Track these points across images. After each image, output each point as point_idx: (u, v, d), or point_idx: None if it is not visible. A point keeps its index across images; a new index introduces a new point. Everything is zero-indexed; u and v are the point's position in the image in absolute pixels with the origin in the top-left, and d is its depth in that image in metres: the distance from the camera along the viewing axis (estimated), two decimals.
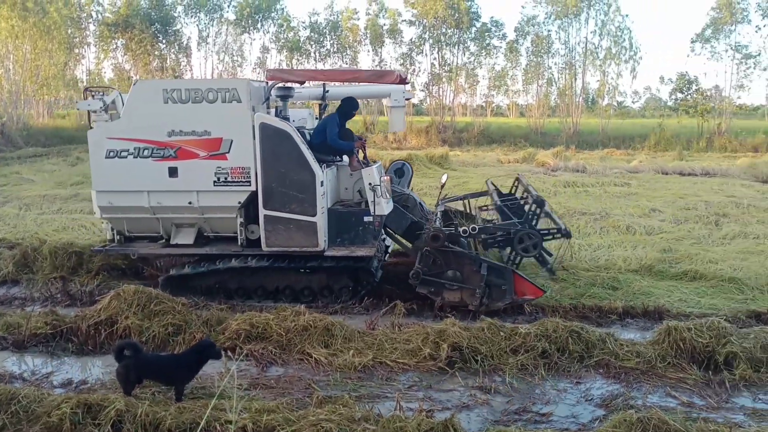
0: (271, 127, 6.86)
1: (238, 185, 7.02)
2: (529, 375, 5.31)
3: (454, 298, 6.95)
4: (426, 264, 6.88)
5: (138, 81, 7.56)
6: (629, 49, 36.33)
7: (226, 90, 6.85)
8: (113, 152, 7.07)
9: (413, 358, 5.48)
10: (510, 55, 39.52)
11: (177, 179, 7.05)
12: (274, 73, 7.30)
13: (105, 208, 7.32)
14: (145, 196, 7.14)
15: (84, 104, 7.32)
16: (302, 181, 6.89)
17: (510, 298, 6.84)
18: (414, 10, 38.84)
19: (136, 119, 7.02)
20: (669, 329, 5.67)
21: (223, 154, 6.96)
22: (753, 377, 5.21)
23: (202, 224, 7.43)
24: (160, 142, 7.00)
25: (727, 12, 34.85)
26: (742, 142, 31.59)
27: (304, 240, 7.01)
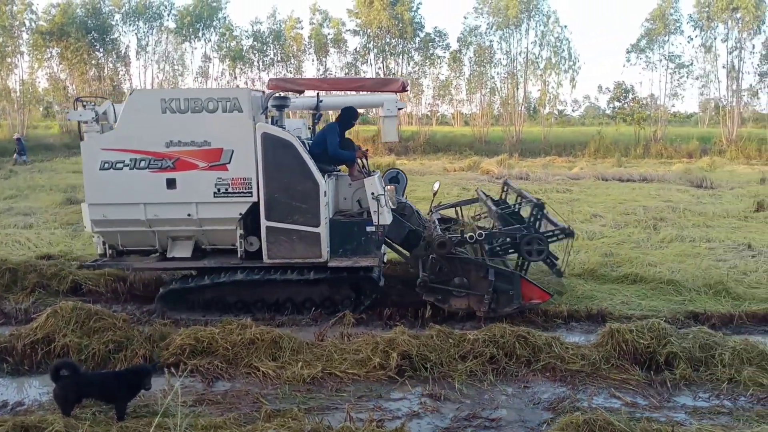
0: (274, 137, 6.77)
1: (240, 196, 6.87)
2: (478, 381, 5.34)
3: (461, 305, 6.93)
4: (432, 271, 6.85)
5: (135, 90, 7.51)
6: (568, 59, 37.50)
7: (227, 99, 6.72)
8: (108, 164, 6.82)
9: (363, 368, 5.44)
10: (454, 65, 40.15)
11: (175, 191, 6.85)
12: (276, 82, 7.19)
13: (98, 221, 7.01)
14: (142, 209, 6.90)
15: (75, 114, 7.01)
16: (306, 191, 6.81)
17: (518, 303, 6.86)
18: (358, 19, 39.05)
19: (132, 130, 6.81)
20: (612, 331, 5.79)
21: (224, 165, 6.81)
22: (692, 376, 5.37)
23: (200, 237, 7.21)
24: (158, 153, 6.80)
25: (661, 23, 36.32)
26: (677, 148, 32.88)
27: (306, 251, 6.91)
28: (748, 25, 34.41)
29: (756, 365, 5.39)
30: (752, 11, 33.64)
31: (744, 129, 36.67)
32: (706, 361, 5.51)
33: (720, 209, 14.03)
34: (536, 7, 37.46)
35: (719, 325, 6.76)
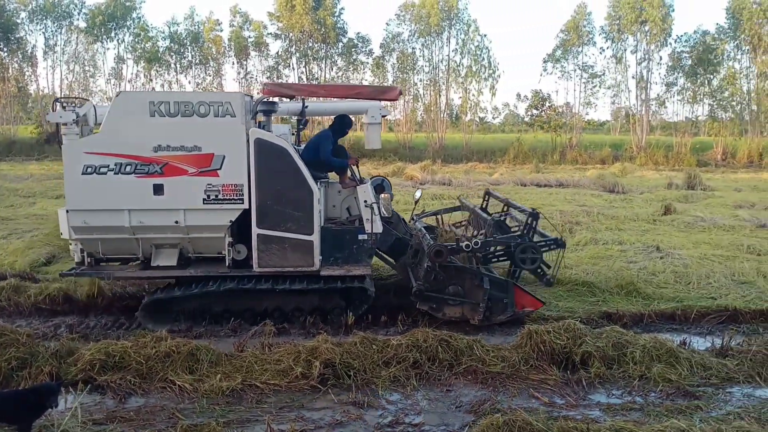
0: (268, 144, 6.61)
1: (230, 203, 6.66)
2: (401, 386, 5.34)
3: (455, 314, 6.90)
4: (427, 280, 6.78)
5: (121, 92, 7.02)
6: (488, 68, 38.41)
7: (219, 104, 6.51)
8: (91, 168, 6.49)
9: (284, 378, 5.33)
10: (377, 71, 40.36)
11: (162, 197, 6.58)
12: (271, 87, 7.01)
13: (79, 228, 6.65)
14: (126, 215, 6.60)
15: (55, 116, 6.64)
16: (300, 198, 6.69)
17: (511, 311, 6.86)
18: (279, 23, 38.65)
19: (118, 133, 6.51)
20: (530, 333, 5.92)
21: (215, 171, 6.59)
22: (606, 374, 5.56)
23: (185, 245, 6.95)
24: (145, 157, 6.52)
25: (575, 34, 37.82)
26: (591, 155, 34.28)
27: (299, 259, 6.78)
28: (656, 37, 36.32)
29: (665, 362, 5.62)
30: (659, 24, 35.53)
31: (652, 136, 38.63)
32: (618, 359, 5.71)
33: (630, 213, 14.69)
34: (457, 16, 38.26)
35: (630, 324, 7.05)
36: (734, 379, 5.55)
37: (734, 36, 36.45)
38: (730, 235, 12.08)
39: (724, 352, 6.00)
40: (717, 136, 36.40)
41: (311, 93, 7.85)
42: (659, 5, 35.42)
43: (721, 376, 5.55)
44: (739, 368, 5.67)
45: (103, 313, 7.47)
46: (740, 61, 37.45)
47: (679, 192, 19.37)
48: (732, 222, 13.52)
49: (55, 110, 6.68)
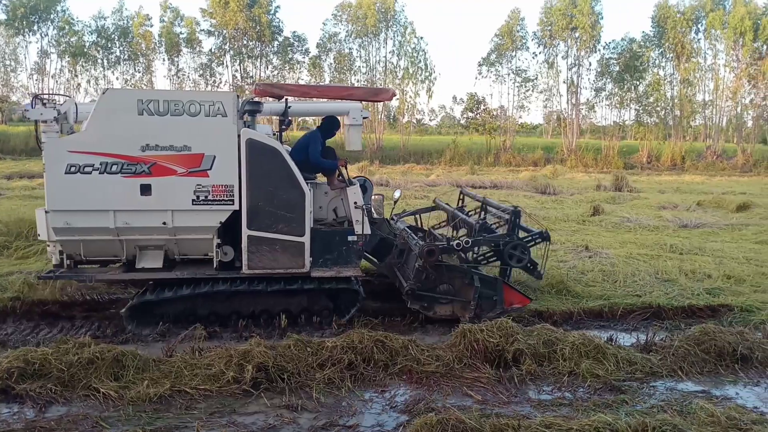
0: (260, 144, 6.51)
1: (220, 204, 6.52)
2: (336, 388, 5.29)
3: (445, 312, 6.99)
4: (419, 279, 6.84)
5: (108, 89, 6.64)
6: (425, 70, 38.80)
7: (211, 103, 6.37)
8: (75, 167, 6.23)
9: (215, 383, 5.19)
10: (314, 71, 40.14)
11: (150, 198, 6.38)
12: (264, 87, 6.91)
13: (60, 229, 6.38)
14: (111, 216, 6.38)
15: (35, 112, 6.32)
16: (291, 200, 6.62)
17: (501, 307, 6.96)
18: (213, 20, 37.88)
19: (104, 131, 6.27)
20: (464, 332, 5.97)
21: (204, 171, 6.44)
22: (537, 371, 5.66)
23: (171, 246, 6.76)
24: (132, 156, 6.31)
25: (509, 39, 38.64)
26: (524, 157, 35.10)
27: (289, 261, 6.72)
28: (586, 44, 37.54)
29: (593, 358, 5.78)
30: (589, 31, 36.74)
31: (582, 140, 39.88)
32: (549, 356, 5.83)
33: (561, 214, 15.11)
34: (394, 18, 38.49)
35: (561, 321, 7.23)
36: (658, 373, 5.75)
37: (659, 44, 38.07)
38: (655, 234, 12.59)
39: (648, 348, 6.21)
40: (643, 140, 37.92)
41: (303, 94, 7.76)
42: (589, 13, 36.62)
43: (646, 371, 5.75)
44: (662, 363, 5.88)
45: (22, 318, 7.12)
46: (664, 68, 39.20)
47: (607, 193, 20.05)
48: (656, 222, 14.10)
49: (34, 107, 6.38)
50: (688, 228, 13.64)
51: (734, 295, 8.33)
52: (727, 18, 36.06)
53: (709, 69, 38.54)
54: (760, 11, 35.90)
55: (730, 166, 34.66)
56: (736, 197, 18.59)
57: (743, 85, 37.30)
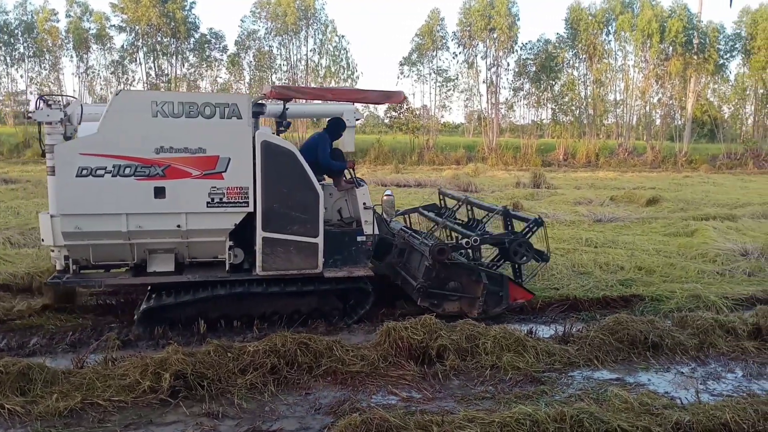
0: (275, 146, 6.53)
1: (235, 206, 6.48)
2: (258, 393, 5.17)
3: (453, 308, 7.18)
4: (428, 277, 6.99)
5: (122, 91, 6.55)
6: (347, 69, 38.74)
7: (226, 105, 6.31)
8: (87, 170, 6.07)
9: (131, 393, 4.97)
10: (233, 69, 39.31)
11: (164, 200, 6.28)
12: (279, 90, 6.91)
13: (70, 234, 6.20)
14: (123, 220, 6.25)
15: (41, 114, 6.14)
16: (306, 201, 6.66)
17: (506, 303, 7.22)
18: (124, 15, 36.43)
19: (117, 133, 6.13)
20: (388, 330, 5.98)
21: (219, 173, 6.39)
22: (461, 366, 5.74)
23: (182, 249, 6.66)
24: (146, 159, 6.19)
25: (429, 39, 39.08)
26: (446, 156, 35.62)
27: (303, 262, 6.74)
28: (503, 44, 38.44)
29: (514, 351, 5.91)
30: (506, 32, 37.63)
31: (502, 138, 40.84)
32: (472, 350, 5.92)
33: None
34: (314, 16, 38.22)
35: (483, 316, 7.33)
36: (575, 363, 5.95)
37: (572, 45, 39.44)
38: (571, 229, 13.02)
39: (566, 339, 6.41)
40: (559, 138, 39.22)
41: (318, 96, 7.75)
42: (506, 14, 37.52)
43: (564, 361, 5.93)
44: (579, 353, 6.08)
45: None
46: (578, 69, 40.63)
47: (526, 190, 20.62)
48: (572, 217, 14.60)
49: (39, 108, 6.19)
50: (602, 222, 14.20)
51: (645, 285, 8.73)
52: (636, 21, 37.79)
53: (619, 69, 40.27)
54: (666, 14, 37.79)
55: (640, 163, 36.33)
56: (646, 192, 19.52)
57: (651, 85, 39.20)
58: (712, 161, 36.29)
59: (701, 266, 9.86)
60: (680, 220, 14.37)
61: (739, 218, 14.63)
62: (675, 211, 16.10)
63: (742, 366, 6.08)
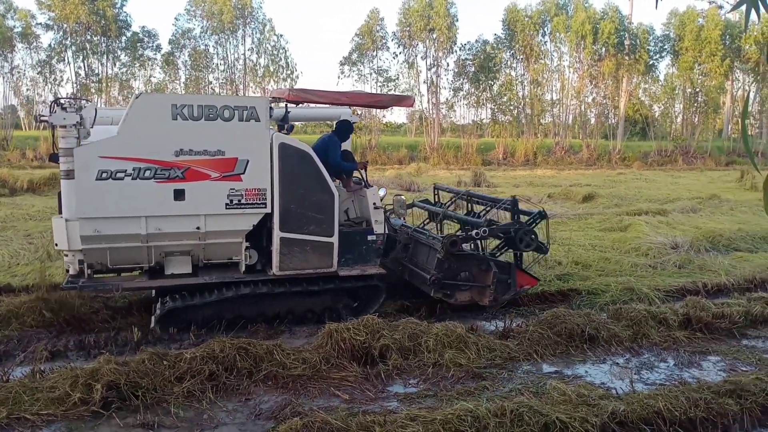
0: (292, 148, 6.66)
1: (253, 207, 6.59)
2: (196, 401, 5.04)
3: (465, 298, 7.44)
4: (441, 269, 7.20)
5: (142, 94, 6.51)
6: (286, 68, 38.33)
7: (244, 108, 6.41)
8: (107, 173, 6.07)
9: (60, 406, 4.77)
10: (167, 68, 38.33)
11: (184, 203, 6.34)
12: (297, 93, 7.03)
13: (89, 237, 6.17)
14: (143, 222, 6.27)
15: (58, 117, 6.07)
16: (322, 202, 6.80)
17: (514, 290, 7.52)
18: (51, 12, 34.99)
19: (137, 136, 6.15)
20: (330, 331, 5.93)
21: (238, 175, 6.48)
22: (403, 365, 5.75)
23: (198, 251, 6.71)
24: (166, 161, 6.23)
25: (369, 39, 39.08)
26: (389, 156, 35.67)
27: (319, 261, 6.89)
28: (443, 45, 38.78)
29: (455, 348, 5.95)
30: (445, 33, 37.98)
31: (444, 138, 41.20)
32: (414, 349, 5.93)
33: None
34: (251, 15, 37.67)
35: (425, 314, 7.37)
36: (516, 358, 6.03)
37: (510, 46, 40.16)
38: None
39: (506, 334, 6.50)
40: (498, 138, 39.83)
41: (334, 100, 7.84)
42: (445, 15, 37.86)
43: (504, 357, 6.01)
44: (519, 348, 6.18)
45: None
46: (516, 69, 41.35)
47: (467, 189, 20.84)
48: None
49: (54, 111, 6.11)
50: None
51: (582, 279, 8.95)
52: (570, 22, 38.77)
53: (555, 70, 41.16)
54: (599, 16, 38.90)
55: (576, 161, 37.28)
56: (582, 189, 20.04)
57: (586, 85, 40.28)
58: (644, 158, 37.53)
59: (634, 260, 10.18)
60: (614, 215, 14.79)
61: (669, 213, 15.18)
62: (609, 207, 16.58)
63: (674, 355, 6.30)
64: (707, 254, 10.62)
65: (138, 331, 6.40)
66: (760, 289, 8.63)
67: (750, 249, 11.19)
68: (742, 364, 6.03)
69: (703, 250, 10.84)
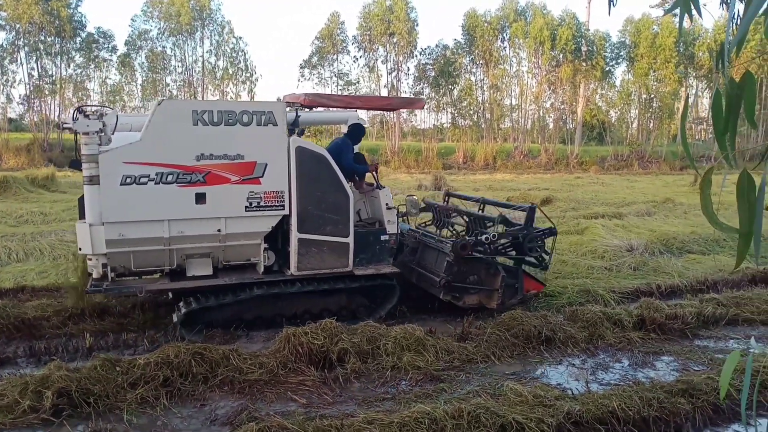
0: (309, 151, 6.84)
1: (272, 210, 6.77)
2: (150, 407, 4.95)
3: (473, 301, 7.51)
4: (450, 272, 7.29)
5: (164, 100, 6.61)
6: (246, 71, 38.00)
7: (262, 113, 6.58)
8: (131, 178, 6.20)
9: (9, 414, 4.64)
10: (124, 70, 37.61)
11: (204, 206, 6.49)
12: (313, 97, 7.18)
13: (114, 241, 6.29)
14: (166, 226, 6.40)
15: (82, 124, 6.11)
16: (338, 203, 6.97)
17: (521, 294, 7.64)
18: (3, 12, 34.02)
19: (160, 142, 6.27)
20: (288, 336, 5.88)
21: (257, 179, 6.65)
22: (362, 368, 5.73)
23: (218, 253, 6.88)
24: (188, 166, 6.38)
25: (330, 42, 39.03)
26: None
27: (335, 261, 7.06)
28: (403, 49, 38.99)
29: (414, 350, 5.97)
30: (406, 37, 38.20)
31: (404, 142, 41.41)
32: (373, 352, 5.93)
33: None
34: (210, 16, 37.27)
35: (385, 317, 7.36)
36: (473, 360, 6.08)
37: (470, 51, 40.58)
38: None
39: (465, 336, 6.54)
40: (458, 142, 40.18)
41: (348, 104, 7.97)
42: (405, 19, 38.08)
43: (462, 359, 6.05)
44: (477, 350, 6.22)
45: None
46: (475, 74, 41.83)
47: (427, 192, 20.91)
48: None
49: (76, 119, 6.16)
50: None
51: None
52: (528, 28, 39.39)
53: (514, 75, 41.75)
54: (556, 23, 39.61)
55: (535, 165, 37.87)
56: (540, 192, 20.36)
57: (544, 90, 40.99)
58: (600, 163, 38.32)
59: (591, 262, 10.36)
60: (572, 218, 15.05)
61: (625, 216, 15.50)
62: (567, 210, 16.85)
63: (628, 356, 6.42)
64: (661, 256, 10.88)
65: (90, 337, 6.25)
66: (711, 290, 8.86)
67: (702, 251, 11.50)
68: (694, 364, 6.18)
69: (658, 253, 11.11)
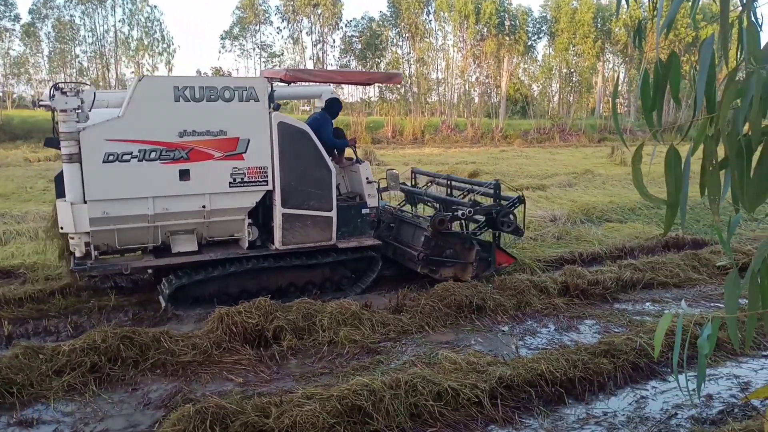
0: (290, 126, 6.86)
1: (255, 185, 6.79)
2: (78, 394, 4.78)
3: (448, 274, 7.73)
4: (428, 246, 7.50)
5: (144, 77, 6.52)
6: (162, 41, 36.73)
7: (244, 89, 6.58)
8: (113, 156, 6.14)
9: None
10: (28, 40, 35.54)
11: (189, 182, 6.48)
12: (294, 73, 7.12)
13: (98, 219, 6.21)
14: (150, 203, 6.38)
15: (60, 101, 5.98)
16: (320, 178, 7.01)
17: (494, 267, 7.85)
18: None
19: (141, 119, 6.23)
20: (221, 316, 5.79)
21: (240, 154, 6.65)
22: (298, 345, 5.73)
23: (202, 230, 6.87)
24: (170, 143, 6.35)
25: (251, 12, 38.08)
26: None
27: (319, 235, 7.14)
28: (328, 21, 38.55)
29: (350, 325, 6.00)
30: (330, 8, 37.76)
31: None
32: (308, 328, 5.92)
33: None
34: None
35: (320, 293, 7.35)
36: (408, 331, 6.17)
37: (396, 24, 40.52)
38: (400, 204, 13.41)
39: (399, 309, 6.62)
40: (387, 116, 40.27)
41: (329, 78, 8.02)
42: None
43: (398, 330, 6.13)
44: (412, 321, 6.32)
45: None
46: (402, 47, 41.88)
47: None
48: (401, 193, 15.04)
49: (53, 96, 6.02)
50: None
51: None
52: (453, 1, 39.65)
53: (440, 49, 42.17)
54: None
55: (462, 139, 38.38)
56: (468, 166, 20.69)
57: (470, 64, 41.51)
58: (524, 136, 39.25)
59: None
60: None
61: (548, 188, 16.00)
62: None
63: (554, 320, 6.68)
64: (582, 226, 11.31)
65: (9, 325, 5.95)
66: (629, 256, 9.30)
67: (620, 220, 12.02)
68: (614, 326, 6.49)
69: (579, 222, 11.54)
